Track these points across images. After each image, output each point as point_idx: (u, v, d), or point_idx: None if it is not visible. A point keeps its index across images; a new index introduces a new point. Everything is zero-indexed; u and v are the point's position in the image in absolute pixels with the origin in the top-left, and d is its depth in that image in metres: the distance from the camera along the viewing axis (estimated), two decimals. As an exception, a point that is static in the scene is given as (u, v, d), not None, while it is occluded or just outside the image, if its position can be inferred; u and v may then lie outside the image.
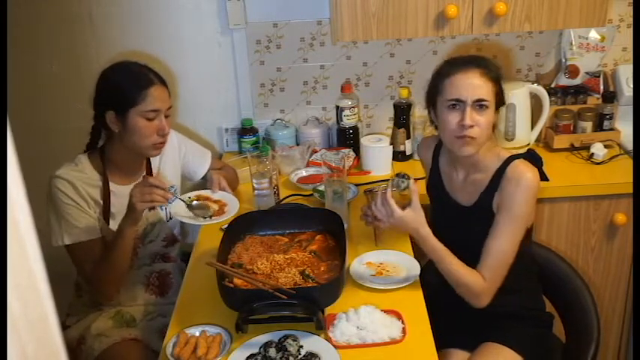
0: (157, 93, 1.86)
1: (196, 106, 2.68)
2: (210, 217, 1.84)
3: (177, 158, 2.15)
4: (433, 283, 1.77)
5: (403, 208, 1.67)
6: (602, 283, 2.45)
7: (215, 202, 1.92)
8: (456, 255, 1.69)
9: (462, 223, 1.79)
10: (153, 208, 1.98)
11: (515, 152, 1.77)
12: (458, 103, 1.66)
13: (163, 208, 2.07)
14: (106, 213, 1.93)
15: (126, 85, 1.86)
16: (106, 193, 1.92)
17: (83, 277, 1.98)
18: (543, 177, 1.74)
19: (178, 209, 1.85)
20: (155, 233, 2.04)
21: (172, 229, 2.11)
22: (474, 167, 1.76)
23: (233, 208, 1.91)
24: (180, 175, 2.18)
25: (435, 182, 1.89)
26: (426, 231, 1.67)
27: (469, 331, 1.81)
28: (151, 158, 2.06)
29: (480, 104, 1.65)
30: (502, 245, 1.67)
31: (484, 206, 1.73)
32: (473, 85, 1.65)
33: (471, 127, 1.65)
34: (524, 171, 1.67)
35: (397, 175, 1.72)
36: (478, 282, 1.67)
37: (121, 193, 1.92)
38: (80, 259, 1.91)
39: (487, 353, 1.77)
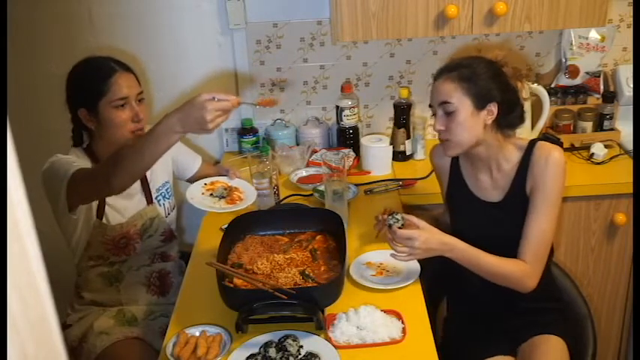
0: (122, 80, 1.87)
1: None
2: (224, 197, 1.86)
3: (167, 155, 2.15)
4: (466, 295, 1.78)
5: None
6: (602, 283, 2.45)
7: (233, 189, 1.94)
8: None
9: (493, 220, 1.79)
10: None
11: (532, 137, 1.80)
12: (431, 109, 1.76)
13: (162, 204, 2.08)
14: (101, 202, 1.93)
15: (90, 79, 1.88)
16: None
17: (99, 172, 1.76)
18: None
19: (195, 195, 1.86)
20: (154, 228, 2.04)
21: (170, 225, 2.11)
22: (496, 162, 1.77)
23: (251, 195, 1.93)
24: (171, 172, 2.18)
25: (458, 187, 1.88)
26: (450, 238, 1.66)
27: (506, 335, 1.82)
28: None
29: (445, 107, 1.70)
30: (541, 225, 1.69)
31: (517, 194, 1.73)
32: (438, 89, 1.72)
33: (441, 130, 1.73)
34: (551, 149, 1.70)
35: (389, 215, 1.68)
36: (518, 266, 1.69)
37: None
38: (90, 170, 1.81)
39: (536, 347, 1.76)
